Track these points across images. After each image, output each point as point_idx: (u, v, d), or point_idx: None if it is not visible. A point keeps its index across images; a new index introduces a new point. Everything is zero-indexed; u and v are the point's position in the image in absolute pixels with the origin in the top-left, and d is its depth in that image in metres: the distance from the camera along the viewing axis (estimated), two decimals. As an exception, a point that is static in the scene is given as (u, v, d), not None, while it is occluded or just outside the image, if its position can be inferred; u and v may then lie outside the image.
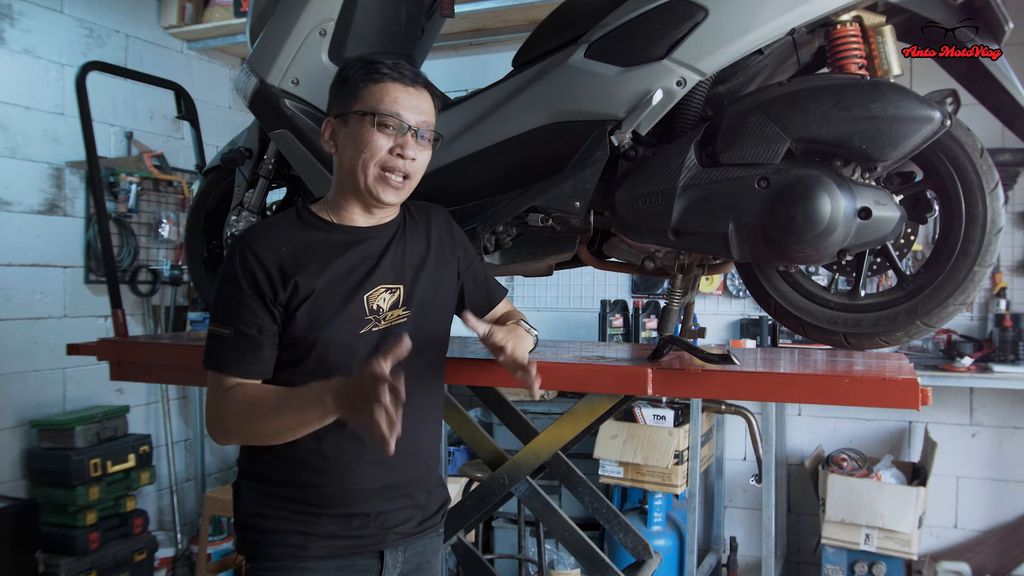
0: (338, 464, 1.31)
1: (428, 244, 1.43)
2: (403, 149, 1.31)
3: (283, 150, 1.81)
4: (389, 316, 1.35)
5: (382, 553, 1.36)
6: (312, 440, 1.28)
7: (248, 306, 1.27)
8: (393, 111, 1.30)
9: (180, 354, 2.05)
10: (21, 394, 3.44)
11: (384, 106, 1.30)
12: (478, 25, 4.02)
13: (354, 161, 1.31)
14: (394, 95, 1.31)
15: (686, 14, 1.44)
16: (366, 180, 1.31)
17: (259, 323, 1.27)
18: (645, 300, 3.99)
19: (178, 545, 3.95)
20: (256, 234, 1.33)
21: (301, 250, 1.31)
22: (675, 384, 1.55)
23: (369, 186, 1.32)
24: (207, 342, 1.30)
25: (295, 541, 1.31)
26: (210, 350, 1.29)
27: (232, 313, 1.27)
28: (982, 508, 3.56)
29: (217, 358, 1.28)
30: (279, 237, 1.32)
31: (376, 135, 1.30)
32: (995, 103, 1.45)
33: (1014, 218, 3.49)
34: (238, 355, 1.27)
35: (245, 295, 1.27)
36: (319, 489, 1.31)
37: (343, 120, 1.33)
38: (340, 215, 1.37)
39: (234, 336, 1.27)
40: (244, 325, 1.27)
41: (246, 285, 1.27)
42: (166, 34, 4.14)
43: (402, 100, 1.31)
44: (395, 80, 1.31)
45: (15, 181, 3.42)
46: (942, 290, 1.47)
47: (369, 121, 1.29)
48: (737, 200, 1.41)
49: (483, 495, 1.85)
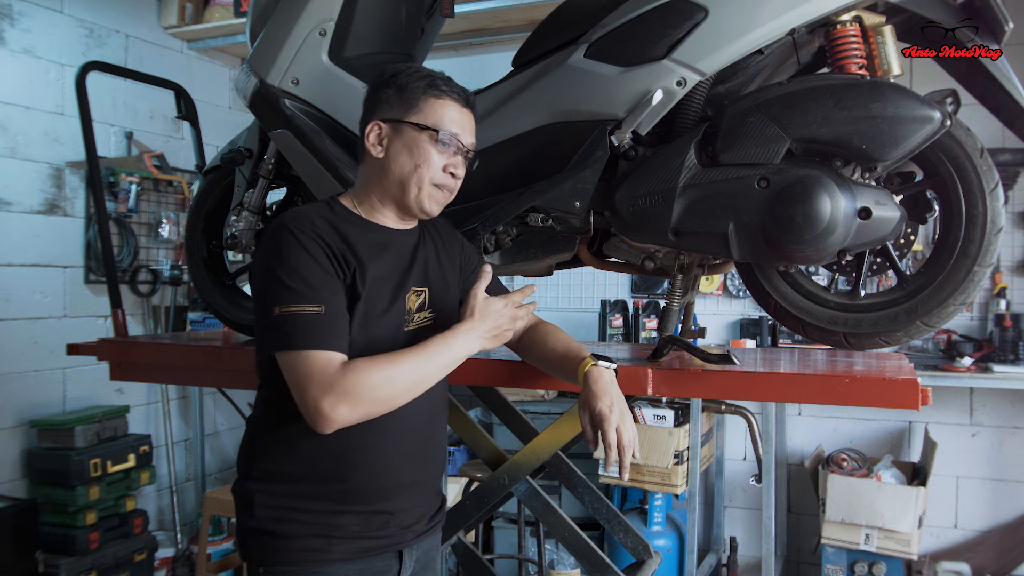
0: (371, 459, 1.31)
1: (438, 250, 1.47)
2: (455, 168, 1.36)
3: (283, 150, 1.81)
4: (417, 318, 1.37)
5: (401, 553, 1.37)
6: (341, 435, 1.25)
7: (327, 281, 1.24)
8: (454, 131, 1.35)
9: (180, 354, 2.05)
10: (21, 394, 3.43)
11: (446, 125, 1.34)
12: (478, 25, 4.02)
13: (407, 172, 1.34)
14: (453, 115, 1.36)
15: (686, 14, 1.44)
16: (418, 193, 1.34)
17: (340, 299, 1.26)
18: (645, 300, 3.99)
19: (178, 545, 3.95)
20: (309, 217, 1.30)
21: (347, 240, 1.30)
22: (675, 384, 1.56)
23: (421, 199, 1.35)
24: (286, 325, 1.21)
25: (317, 545, 1.29)
26: (298, 332, 1.21)
27: (315, 288, 1.23)
28: (982, 508, 3.56)
29: (314, 338, 1.21)
30: (325, 223, 1.30)
31: (434, 152, 1.34)
32: (995, 103, 1.45)
33: (1014, 218, 3.49)
34: (338, 331, 1.23)
35: (321, 271, 1.24)
36: (346, 484, 1.30)
37: (395, 127, 1.35)
38: (373, 215, 1.39)
39: (327, 312, 1.22)
40: (332, 300, 1.24)
41: (319, 258, 1.25)
42: (166, 34, 4.14)
43: (459, 121, 1.37)
44: (455, 100, 1.37)
45: (15, 181, 3.42)
46: (942, 290, 1.47)
47: (431, 136, 1.34)
48: (737, 200, 1.41)
49: (483, 495, 1.85)
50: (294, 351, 1.21)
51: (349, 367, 1.21)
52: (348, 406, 1.20)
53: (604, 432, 1.28)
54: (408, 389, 1.26)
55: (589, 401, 1.32)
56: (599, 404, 1.30)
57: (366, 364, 1.22)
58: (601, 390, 1.32)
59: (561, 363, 1.44)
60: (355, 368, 1.21)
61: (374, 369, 1.22)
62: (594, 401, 1.31)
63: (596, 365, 1.36)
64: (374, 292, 1.30)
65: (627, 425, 1.29)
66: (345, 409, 1.20)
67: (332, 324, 1.23)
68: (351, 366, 1.22)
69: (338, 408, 1.20)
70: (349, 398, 1.20)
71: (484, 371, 1.69)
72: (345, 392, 1.20)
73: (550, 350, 1.47)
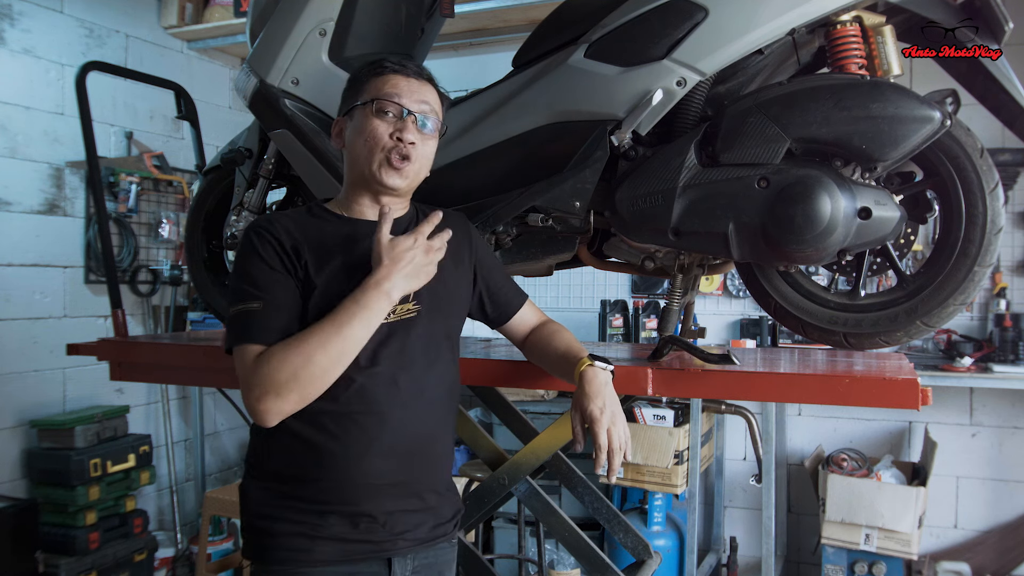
0: (342, 456, 1.28)
1: None
2: (402, 133, 1.33)
3: (283, 150, 1.81)
4: (399, 309, 1.33)
5: (390, 561, 1.33)
6: (317, 432, 1.26)
7: (275, 279, 1.26)
8: (391, 95, 1.34)
9: (180, 354, 2.05)
10: (21, 394, 3.44)
11: (383, 93, 1.34)
12: (478, 25, 4.02)
13: (359, 150, 1.35)
14: (394, 82, 1.36)
15: (686, 14, 1.44)
16: (370, 167, 1.34)
17: (285, 295, 1.26)
18: (645, 300, 3.99)
19: (178, 545, 3.95)
20: (267, 219, 1.34)
21: (311, 237, 1.32)
22: (675, 384, 1.55)
23: (374, 172, 1.34)
24: (231, 325, 1.27)
25: (301, 544, 1.28)
26: (238, 329, 1.25)
27: (259, 287, 1.26)
28: (982, 508, 3.56)
29: (248, 333, 1.24)
30: (289, 222, 1.34)
31: (376, 122, 1.33)
32: (995, 103, 1.45)
33: (1014, 218, 3.49)
34: (271, 326, 1.24)
35: (270, 268, 1.27)
36: (322, 483, 1.28)
37: (349, 116, 1.38)
38: (351, 209, 1.40)
39: (264, 308, 1.25)
40: (273, 296, 1.26)
41: (269, 259, 1.27)
42: (166, 34, 4.14)
43: (402, 86, 1.35)
44: (396, 72, 1.37)
45: (15, 181, 3.42)
46: (942, 290, 1.47)
47: (370, 109, 1.34)
48: (737, 200, 1.41)
49: (483, 495, 1.85)
50: (235, 348, 1.26)
51: (264, 356, 1.21)
52: (273, 395, 1.19)
53: (594, 434, 1.27)
54: (332, 362, 1.21)
55: (581, 402, 1.31)
56: (590, 406, 1.29)
57: (280, 348, 1.21)
58: (594, 391, 1.31)
59: (560, 363, 1.43)
60: (270, 356, 1.21)
61: (287, 352, 1.20)
62: (586, 402, 1.30)
63: (591, 366, 1.35)
64: (334, 283, 1.29)
65: (618, 427, 1.28)
66: (271, 399, 1.19)
67: (265, 319, 1.24)
68: (267, 355, 1.21)
69: (265, 400, 1.19)
70: (272, 387, 1.19)
71: (484, 371, 1.69)
72: (264, 382, 1.19)
73: (552, 349, 1.47)
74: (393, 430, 1.30)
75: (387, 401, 1.29)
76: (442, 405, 1.41)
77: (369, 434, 1.29)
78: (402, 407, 1.31)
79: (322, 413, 1.26)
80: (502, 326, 1.56)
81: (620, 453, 1.27)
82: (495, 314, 1.53)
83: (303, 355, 1.20)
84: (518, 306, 1.55)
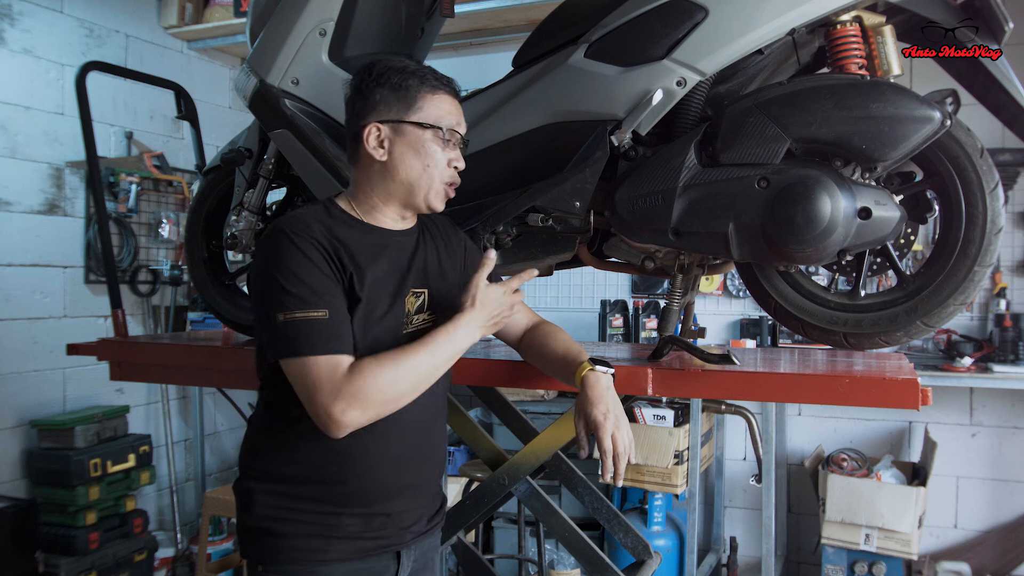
0: (368, 462, 1.30)
1: (439, 251, 1.45)
2: (457, 162, 1.37)
3: (283, 150, 1.81)
4: (415, 320, 1.36)
5: (399, 554, 1.37)
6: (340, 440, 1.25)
7: (327, 285, 1.23)
8: (453, 125, 1.36)
9: (180, 354, 2.05)
10: (21, 394, 3.43)
11: (446, 121, 1.34)
12: (478, 25, 4.02)
13: (417, 174, 1.33)
14: (450, 108, 1.36)
15: (686, 14, 1.44)
16: (427, 192, 1.34)
17: (342, 302, 1.25)
18: (645, 300, 3.99)
19: (178, 545, 3.95)
20: (301, 221, 1.28)
21: (344, 243, 1.29)
22: (675, 384, 1.56)
23: (430, 198, 1.35)
24: (289, 331, 1.20)
25: (315, 545, 1.29)
26: (300, 338, 1.20)
27: (317, 292, 1.22)
28: (982, 508, 3.56)
29: (319, 342, 1.20)
30: (323, 227, 1.29)
31: (440, 150, 1.34)
32: (995, 103, 1.45)
33: (1014, 218, 3.49)
34: (342, 333, 1.22)
35: (321, 274, 1.23)
36: (345, 487, 1.30)
37: (396, 128, 1.33)
38: (372, 216, 1.37)
39: (330, 316, 1.22)
40: (336, 302, 1.23)
41: (317, 262, 1.23)
42: (166, 34, 4.14)
43: (455, 113, 1.37)
44: (449, 92, 1.37)
45: (15, 181, 3.42)
46: (942, 290, 1.47)
47: (435, 135, 1.33)
48: (737, 200, 1.41)
49: (483, 495, 1.85)
50: (300, 357, 1.21)
51: (355, 370, 1.21)
52: (359, 409, 1.20)
53: (599, 440, 1.28)
54: (416, 385, 1.25)
55: (584, 407, 1.32)
56: (594, 411, 1.30)
57: (372, 365, 1.21)
58: (597, 396, 1.31)
59: (560, 365, 1.43)
60: (361, 370, 1.21)
61: (380, 369, 1.21)
62: (589, 407, 1.31)
63: (593, 370, 1.35)
64: (373, 295, 1.29)
65: (622, 432, 1.29)
66: (356, 413, 1.20)
67: (336, 327, 1.22)
68: (357, 368, 1.21)
69: (349, 412, 1.19)
70: (359, 402, 1.19)
71: (484, 371, 1.69)
72: (354, 396, 1.19)
73: (550, 351, 1.47)
74: (409, 434, 1.33)
75: (410, 408, 1.30)
76: (441, 407, 1.46)
77: (389, 439, 1.31)
78: (417, 412, 1.33)
79: None
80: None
81: (625, 457, 1.28)
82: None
83: (395, 375, 1.22)
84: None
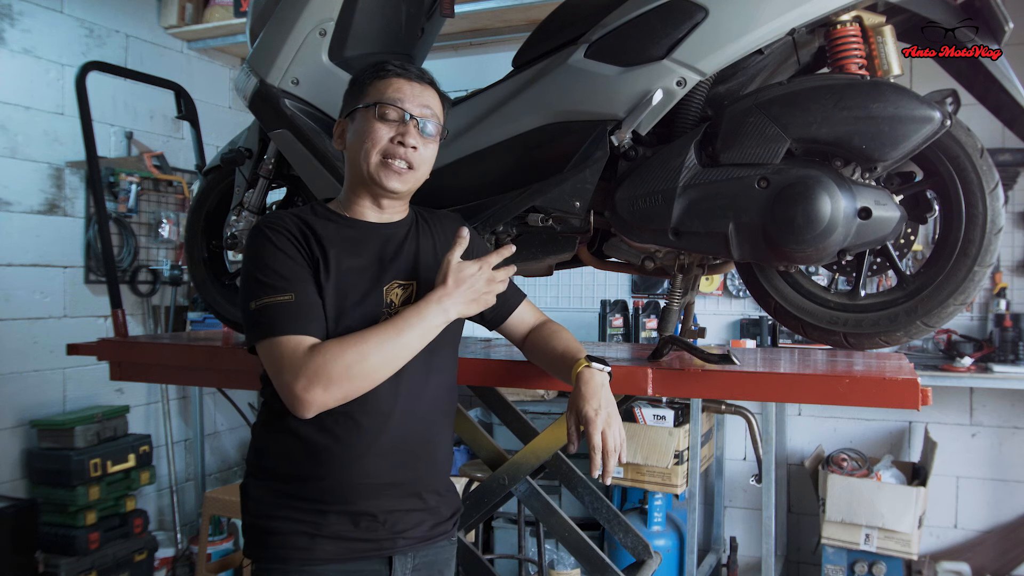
0: (343, 456, 1.29)
1: (436, 248, 1.44)
2: (404, 137, 1.34)
3: (283, 150, 1.81)
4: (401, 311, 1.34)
5: (391, 559, 1.34)
6: (317, 432, 1.27)
7: (296, 272, 1.27)
8: (394, 99, 1.34)
9: (180, 354, 2.05)
10: (21, 394, 3.44)
11: (386, 96, 1.35)
12: (478, 25, 4.02)
13: (358, 152, 1.35)
14: (397, 86, 1.36)
15: (686, 14, 1.44)
16: (368, 168, 1.34)
17: (311, 287, 1.27)
18: (645, 300, 3.99)
19: (178, 545, 3.95)
20: (276, 216, 1.35)
21: (320, 236, 1.32)
22: (675, 384, 1.56)
23: (372, 173, 1.34)
24: (258, 318, 1.25)
25: (301, 543, 1.28)
26: (273, 320, 1.23)
27: (285, 278, 1.26)
28: (982, 508, 3.56)
29: (285, 324, 1.23)
30: (296, 219, 1.34)
31: (378, 124, 1.34)
32: (995, 103, 1.45)
33: (1014, 218, 3.49)
34: (309, 315, 1.24)
35: (291, 261, 1.27)
36: (323, 483, 1.29)
37: (351, 118, 1.38)
38: (352, 210, 1.40)
39: (297, 299, 1.24)
40: (302, 287, 1.26)
41: (288, 250, 1.28)
42: (166, 34, 4.14)
43: (405, 90, 1.36)
44: (399, 75, 1.37)
45: (15, 181, 3.42)
46: (942, 290, 1.47)
47: (372, 112, 1.34)
48: (737, 200, 1.41)
49: (483, 495, 1.85)
50: (267, 340, 1.24)
51: (319, 348, 1.22)
52: (321, 387, 1.20)
53: (589, 435, 1.27)
54: (385, 362, 1.24)
55: (576, 403, 1.32)
56: (586, 407, 1.29)
57: (336, 343, 1.23)
58: (590, 392, 1.31)
59: (558, 363, 1.43)
60: (325, 348, 1.22)
61: (344, 347, 1.22)
62: (581, 403, 1.30)
63: (588, 366, 1.35)
64: (344, 284, 1.30)
65: (613, 429, 1.28)
66: (319, 391, 1.20)
67: (301, 309, 1.24)
68: (321, 347, 1.22)
69: (311, 390, 1.20)
70: (320, 379, 1.20)
71: (484, 371, 1.69)
72: (315, 373, 1.20)
73: (551, 349, 1.47)
74: (394, 431, 1.31)
75: (389, 402, 1.29)
76: (442, 407, 1.43)
77: (370, 434, 1.29)
78: (403, 408, 1.32)
79: (326, 414, 1.25)
80: (499, 327, 1.56)
81: (615, 455, 1.27)
82: (491, 315, 1.53)
83: (360, 353, 1.22)
84: (515, 306, 1.55)
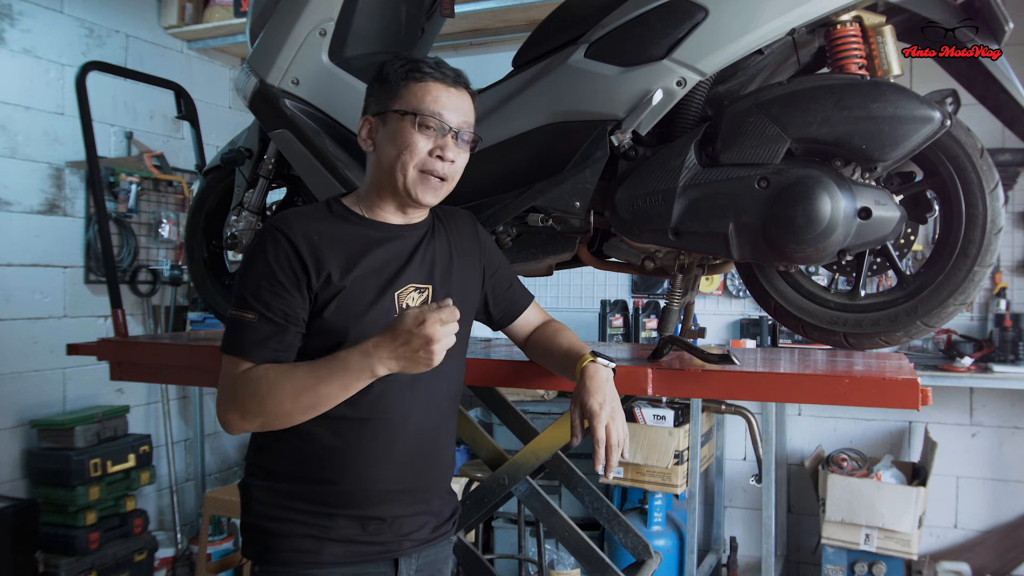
0: (359, 463, 1.28)
1: (452, 248, 1.42)
2: (443, 151, 1.30)
3: (283, 150, 1.81)
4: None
5: (396, 561, 1.34)
6: (332, 437, 1.26)
7: (276, 292, 1.23)
8: (435, 111, 1.28)
9: (180, 354, 2.05)
10: (21, 394, 3.43)
11: (426, 106, 1.28)
12: (478, 25, 4.02)
13: (393, 161, 1.29)
14: (436, 95, 1.29)
15: (686, 14, 1.44)
16: (405, 181, 1.30)
17: (286, 308, 1.24)
18: (645, 300, 3.99)
19: (178, 545, 3.95)
20: (288, 220, 1.29)
21: (334, 240, 1.29)
22: (675, 384, 1.55)
23: (408, 187, 1.30)
24: (227, 328, 1.27)
25: (308, 546, 1.28)
26: (230, 335, 1.25)
27: (258, 298, 1.23)
28: (982, 508, 3.56)
29: (238, 343, 1.24)
30: (312, 225, 1.29)
31: (417, 136, 1.28)
32: (995, 103, 1.45)
33: (1014, 218, 3.49)
34: (261, 339, 1.23)
35: (275, 280, 1.24)
36: (336, 487, 1.28)
37: (382, 119, 1.32)
38: (373, 211, 1.36)
39: (258, 321, 1.23)
40: (269, 310, 1.23)
41: (277, 269, 1.24)
42: (166, 34, 4.14)
43: (443, 100, 1.30)
44: (437, 80, 1.30)
45: (15, 181, 3.41)
46: (942, 290, 1.47)
47: (410, 121, 1.28)
48: (737, 200, 1.41)
49: (483, 495, 1.85)
50: (222, 351, 1.26)
51: (243, 377, 1.22)
52: (237, 413, 1.22)
53: (593, 429, 1.27)
54: (300, 411, 1.21)
55: (581, 396, 1.31)
56: (590, 401, 1.29)
57: (258, 377, 1.21)
58: (595, 387, 1.31)
59: (563, 360, 1.43)
60: (245, 379, 1.22)
61: (259, 385, 1.21)
62: (586, 397, 1.30)
63: (594, 361, 1.35)
64: (357, 288, 1.27)
65: (617, 424, 1.28)
66: (235, 416, 1.23)
67: (258, 332, 1.23)
68: (246, 375, 1.22)
69: (230, 415, 1.23)
70: (237, 408, 1.22)
71: (484, 371, 1.69)
72: (233, 400, 1.22)
73: (555, 347, 1.47)
74: (407, 437, 1.31)
75: (403, 409, 1.29)
76: (448, 409, 1.42)
77: (384, 440, 1.29)
78: (418, 414, 1.32)
79: (341, 419, 1.25)
80: (505, 328, 1.55)
81: (618, 449, 1.27)
82: (499, 316, 1.53)
83: (274, 395, 1.20)
84: (523, 308, 1.54)
